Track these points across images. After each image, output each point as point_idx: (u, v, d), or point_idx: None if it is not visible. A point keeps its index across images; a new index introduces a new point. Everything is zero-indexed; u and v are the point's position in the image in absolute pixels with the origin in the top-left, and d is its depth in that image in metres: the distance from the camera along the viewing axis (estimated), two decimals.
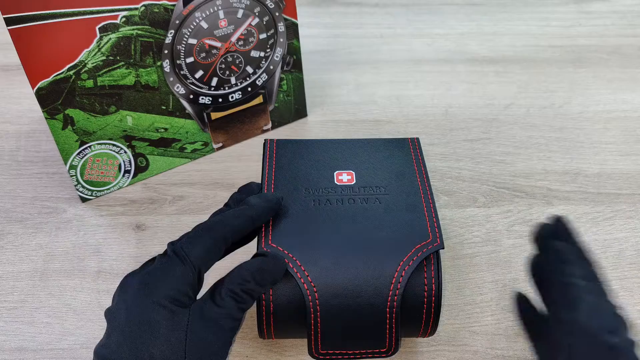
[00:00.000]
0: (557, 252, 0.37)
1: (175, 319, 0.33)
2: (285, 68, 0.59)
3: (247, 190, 0.42)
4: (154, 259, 0.36)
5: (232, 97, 0.58)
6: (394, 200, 0.42)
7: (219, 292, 0.35)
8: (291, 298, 0.39)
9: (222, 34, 0.53)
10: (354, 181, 0.44)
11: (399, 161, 0.46)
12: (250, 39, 0.55)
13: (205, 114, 0.57)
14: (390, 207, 0.42)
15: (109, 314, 0.34)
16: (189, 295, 0.34)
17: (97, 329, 0.46)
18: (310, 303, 0.37)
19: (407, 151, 0.47)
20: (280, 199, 0.40)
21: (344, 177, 0.44)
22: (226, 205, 0.40)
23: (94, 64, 0.49)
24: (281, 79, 0.60)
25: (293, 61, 0.60)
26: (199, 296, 0.35)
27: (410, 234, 0.39)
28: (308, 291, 0.37)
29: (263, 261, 0.36)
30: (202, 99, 0.56)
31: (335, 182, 0.43)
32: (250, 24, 0.54)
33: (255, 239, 0.41)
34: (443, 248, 0.39)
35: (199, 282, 0.35)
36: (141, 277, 0.34)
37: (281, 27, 0.56)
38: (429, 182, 0.44)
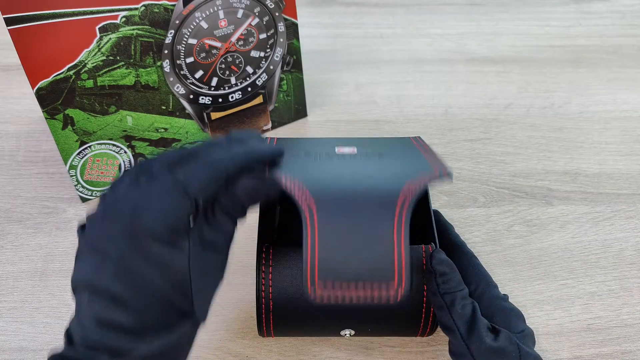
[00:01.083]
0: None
1: (176, 249, 0.31)
2: (285, 68, 0.59)
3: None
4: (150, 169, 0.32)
5: (232, 97, 0.58)
6: (397, 155, 0.41)
7: (212, 212, 0.33)
8: (291, 296, 0.39)
9: (222, 34, 0.53)
10: (356, 152, 0.41)
11: (401, 143, 0.45)
12: (250, 39, 0.55)
13: (205, 114, 0.57)
14: (393, 158, 0.40)
15: (88, 233, 0.31)
16: (187, 226, 0.32)
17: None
18: (307, 218, 0.32)
19: (411, 143, 0.47)
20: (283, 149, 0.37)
21: (346, 150, 0.42)
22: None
23: (94, 64, 0.49)
24: (281, 79, 0.60)
25: (293, 61, 0.60)
26: None
27: (416, 166, 0.38)
28: (306, 206, 0.33)
29: (259, 183, 0.34)
30: (202, 99, 0.56)
31: (336, 152, 0.41)
32: (250, 24, 0.54)
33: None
34: (451, 178, 0.36)
35: (197, 210, 0.32)
36: (133, 202, 0.31)
37: (281, 27, 0.56)
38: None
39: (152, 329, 0.31)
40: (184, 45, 0.52)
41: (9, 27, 0.44)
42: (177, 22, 0.51)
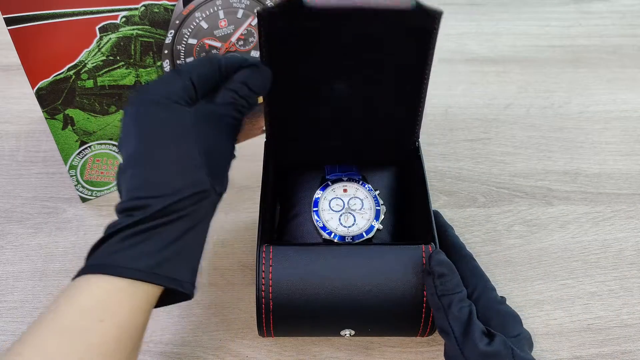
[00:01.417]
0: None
1: (178, 114, 0.37)
2: None
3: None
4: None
5: None
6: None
7: (216, 94, 0.40)
8: (291, 296, 0.39)
9: (222, 34, 0.53)
10: None
11: None
12: (250, 39, 0.55)
13: None
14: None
15: (120, 139, 0.39)
16: (185, 99, 0.38)
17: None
18: None
19: None
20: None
21: None
22: None
23: (94, 64, 0.49)
24: None
25: None
26: None
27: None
28: None
29: (252, 70, 0.41)
30: None
31: None
32: (250, 24, 0.54)
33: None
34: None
35: (195, 91, 0.39)
36: (138, 91, 0.40)
37: None
38: None
39: (165, 186, 0.36)
40: (184, 46, 0.52)
41: (9, 27, 0.44)
42: (177, 22, 0.51)
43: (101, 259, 0.35)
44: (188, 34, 0.52)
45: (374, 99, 0.46)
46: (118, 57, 0.49)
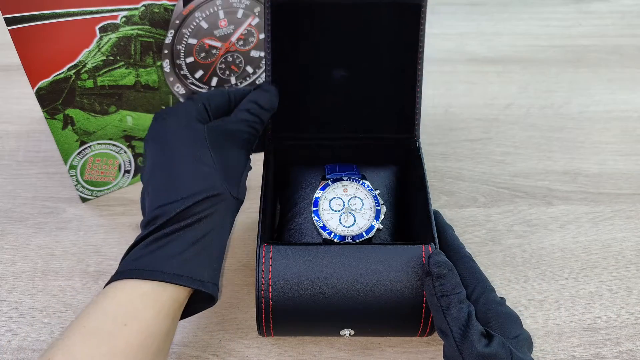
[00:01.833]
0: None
1: (192, 128, 0.41)
2: None
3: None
4: None
5: None
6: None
7: (230, 114, 0.44)
8: (291, 296, 0.39)
9: (222, 34, 0.53)
10: None
11: None
12: (250, 39, 0.55)
13: None
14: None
15: (142, 168, 0.46)
16: (199, 118, 0.42)
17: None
18: None
19: None
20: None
21: None
22: None
23: (94, 64, 0.49)
24: None
25: None
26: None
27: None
28: None
29: (259, 90, 0.46)
30: None
31: None
32: (250, 24, 0.54)
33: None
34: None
35: (209, 114, 0.43)
36: (154, 117, 0.43)
37: None
38: None
39: (181, 191, 0.38)
40: (184, 45, 0.52)
41: (9, 27, 0.44)
42: (177, 22, 0.51)
43: (125, 266, 0.37)
44: (188, 33, 0.52)
45: (372, 84, 0.49)
46: (118, 57, 0.49)
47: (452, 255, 0.42)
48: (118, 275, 0.36)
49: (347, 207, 0.46)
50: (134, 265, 0.36)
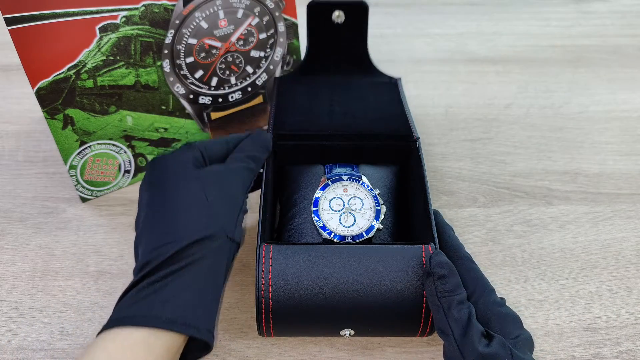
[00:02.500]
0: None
1: (186, 172, 0.41)
2: (285, 68, 0.59)
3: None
4: None
5: (232, 97, 0.58)
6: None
7: (224, 160, 0.44)
8: (291, 296, 0.39)
9: (222, 34, 0.53)
10: None
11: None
12: (250, 39, 0.55)
13: (205, 114, 0.57)
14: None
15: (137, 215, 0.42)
16: (195, 164, 0.42)
17: (97, 329, 0.46)
18: None
19: None
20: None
21: None
22: None
23: (94, 64, 0.49)
24: None
25: (293, 61, 0.60)
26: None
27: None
28: None
29: (254, 135, 0.47)
30: (202, 98, 0.56)
31: None
32: (250, 24, 0.54)
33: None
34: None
35: (204, 160, 0.43)
36: (151, 161, 0.44)
37: (281, 27, 0.56)
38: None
39: (172, 234, 0.38)
40: (184, 45, 0.52)
41: (9, 27, 0.44)
42: (177, 22, 0.51)
43: (117, 314, 0.35)
44: (188, 33, 0.52)
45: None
46: (118, 57, 0.49)
47: (451, 255, 0.42)
48: (109, 324, 0.35)
49: (347, 207, 0.46)
50: (126, 312, 0.35)
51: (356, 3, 0.53)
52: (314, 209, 0.45)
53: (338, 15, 0.54)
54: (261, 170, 0.46)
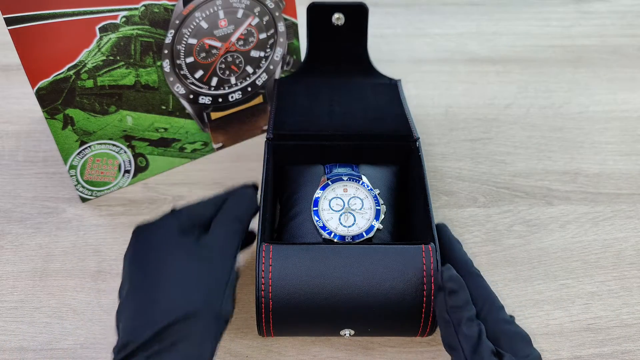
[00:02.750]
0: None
1: (170, 244, 0.39)
2: (285, 68, 0.59)
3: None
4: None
5: (232, 97, 0.58)
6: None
7: (210, 226, 0.41)
8: (291, 296, 0.39)
9: (222, 34, 0.53)
10: None
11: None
12: (250, 39, 0.55)
13: (205, 114, 0.57)
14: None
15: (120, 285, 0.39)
16: (180, 232, 0.39)
17: (97, 329, 0.46)
18: None
19: None
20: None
21: None
22: None
23: (94, 64, 0.49)
24: None
25: (293, 61, 0.60)
26: None
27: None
28: None
29: (237, 197, 0.43)
30: (202, 98, 0.56)
31: None
32: (250, 24, 0.54)
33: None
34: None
35: (189, 227, 0.40)
36: (135, 230, 0.41)
37: (281, 27, 0.56)
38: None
39: (154, 312, 0.35)
40: (183, 45, 0.52)
41: (9, 27, 0.44)
42: (177, 22, 0.51)
43: None
44: (188, 33, 0.52)
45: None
46: (118, 57, 0.49)
47: (460, 271, 0.40)
48: None
49: (347, 207, 0.46)
50: None
51: (356, 5, 0.53)
52: (314, 209, 0.45)
53: (338, 18, 0.54)
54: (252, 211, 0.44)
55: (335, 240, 0.44)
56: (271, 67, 0.58)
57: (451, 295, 0.37)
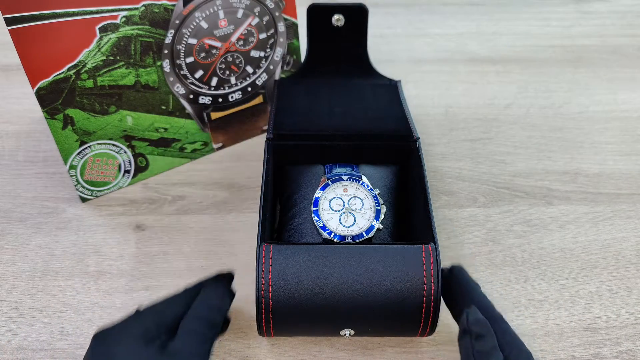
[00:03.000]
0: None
1: (133, 351, 0.35)
2: (285, 68, 0.59)
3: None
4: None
5: (232, 97, 0.58)
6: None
7: (179, 328, 0.38)
8: (291, 296, 0.39)
9: (222, 34, 0.53)
10: None
11: None
12: (250, 39, 0.55)
13: (205, 114, 0.57)
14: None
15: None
16: (145, 338, 0.36)
17: (97, 329, 0.46)
18: None
19: None
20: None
21: None
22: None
23: (94, 64, 0.49)
24: None
25: (293, 61, 0.60)
26: None
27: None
28: None
29: (207, 291, 0.40)
30: (202, 98, 0.56)
31: None
32: (250, 24, 0.54)
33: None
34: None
35: (157, 332, 0.37)
36: (97, 334, 0.37)
37: (281, 27, 0.56)
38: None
39: None
40: (184, 45, 0.52)
41: (9, 27, 0.44)
42: (177, 22, 0.51)
43: None
44: (188, 33, 0.52)
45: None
46: (118, 57, 0.49)
47: (482, 314, 0.38)
48: None
49: (347, 207, 0.46)
50: None
51: (356, 6, 0.53)
52: (314, 208, 0.45)
53: (338, 19, 0.54)
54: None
55: (335, 240, 0.44)
56: (271, 67, 0.58)
57: (478, 339, 0.35)
